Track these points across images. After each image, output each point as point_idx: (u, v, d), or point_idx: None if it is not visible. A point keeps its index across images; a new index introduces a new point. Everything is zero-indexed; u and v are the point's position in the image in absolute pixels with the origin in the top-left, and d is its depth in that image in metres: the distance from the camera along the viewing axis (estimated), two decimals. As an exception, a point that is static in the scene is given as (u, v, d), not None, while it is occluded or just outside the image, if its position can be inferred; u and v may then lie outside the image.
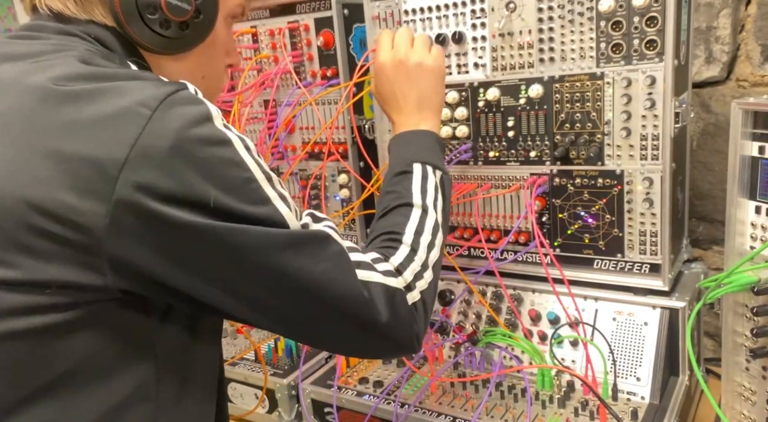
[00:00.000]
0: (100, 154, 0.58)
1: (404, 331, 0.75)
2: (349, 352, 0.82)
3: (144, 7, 0.71)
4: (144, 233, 0.59)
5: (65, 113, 0.60)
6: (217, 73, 0.85)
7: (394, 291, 0.74)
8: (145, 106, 0.59)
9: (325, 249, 0.69)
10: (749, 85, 1.33)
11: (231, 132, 0.65)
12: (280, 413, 1.26)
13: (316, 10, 1.34)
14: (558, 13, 1.06)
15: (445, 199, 0.92)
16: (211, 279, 0.64)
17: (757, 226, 0.90)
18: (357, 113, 1.38)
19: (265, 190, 0.66)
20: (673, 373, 1.08)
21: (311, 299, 0.68)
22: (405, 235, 0.83)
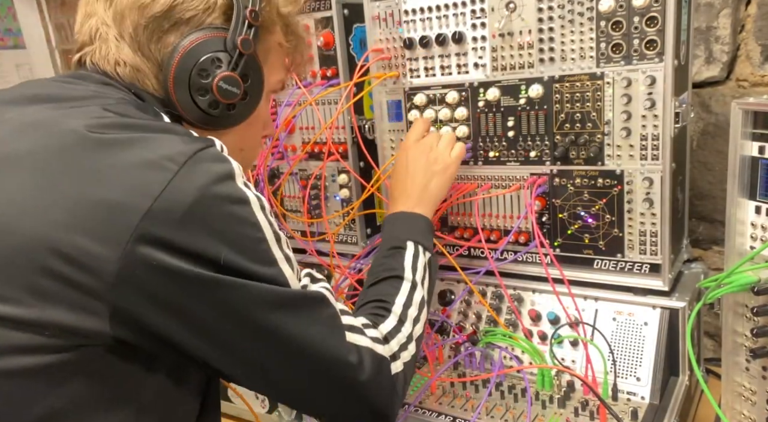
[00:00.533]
0: (123, 201, 0.59)
1: (384, 399, 0.77)
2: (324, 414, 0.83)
3: (196, 90, 0.74)
4: (150, 283, 0.60)
5: (95, 159, 0.61)
6: (255, 145, 0.89)
7: (381, 359, 0.77)
8: (173, 161, 0.61)
9: (321, 312, 0.72)
10: (749, 85, 1.33)
11: (250, 191, 0.68)
12: (280, 413, 1.26)
13: (316, 10, 1.34)
14: (558, 13, 1.06)
15: (431, 279, 0.98)
16: (208, 333, 0.65)
17: (757, 226, 0.90)
18: (357, 113, 1.38)
19: (274, 251, 0.68)
20: (673, 373, 1.08)
21: (303, 358, 0.70)
22: (394, 305, 0.87)
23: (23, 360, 0.60)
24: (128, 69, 0.75)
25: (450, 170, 1.09)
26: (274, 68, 0.84)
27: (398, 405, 0.80)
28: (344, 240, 1.46)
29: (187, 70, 0.74)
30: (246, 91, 0.77)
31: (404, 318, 0.86)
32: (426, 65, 1.21)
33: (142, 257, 0.59)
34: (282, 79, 0.88)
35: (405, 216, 1.04)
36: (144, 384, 0.69)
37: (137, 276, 0.59)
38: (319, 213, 1.46)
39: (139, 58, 0.75)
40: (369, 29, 1.25)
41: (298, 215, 1.50)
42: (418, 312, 0.90)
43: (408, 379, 0.83)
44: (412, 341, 0.85)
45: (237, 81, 0.76)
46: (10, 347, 0.60)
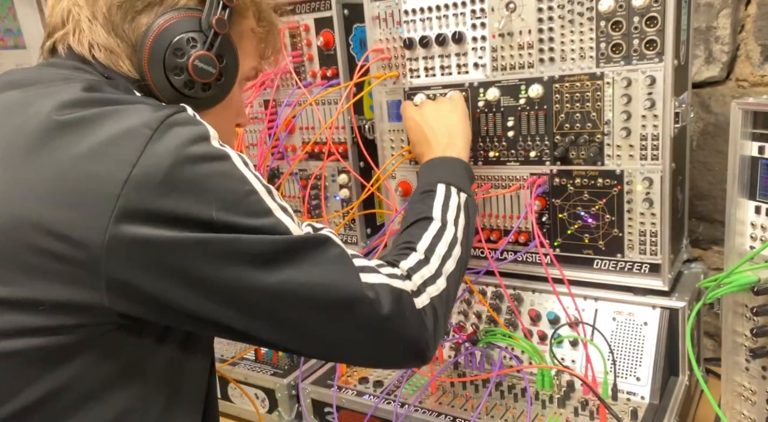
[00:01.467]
0: (102, 173, 0.59)
1: (412, 334, 0.74)
2: (357, 359, 0.81)
3: (171, 69, 0.73)
4: (143, 253, 0.59)
5: (68, 138, 0.61)
6: (229, 132, 0.87)
7: (400, 292, 0.74)
8: (146, 127, 0.61)
9: (327, 252, 0.69)
10: (749, 85, 1.33)
11: (228, 149, 0.66)
12: (280, 413, 1.26)
13: (316, 10, 1.34)
14: (558, 13, 1.06)
15: (468, 219, 0.93)
16: (215, 293, 0.63)
17: (757, 226, 0.90)
18: (357, 113, 1.38)
19: (267, 201, 0.66)
20: (673, 373, 1.08)
21: (316, 302, 0.67)
22: (419, 244, 0.85)
23: (22, 342, 0.60)
24: (102, 51, 0.73)
25: (458, 107, 1.10)
26: (247, 53, 0.83)
27: (432, 339, 0.76)
28: (344, 240, 1.46)
29: (161, 49, 0.73)
30: (221, 72, 0.76)
31: (430, 254, 0.83)
32: (426, 65, 1.21)
33: (127, 231, 0.58)
34: (255, 67, 0.86)
35: (436, 161, 1.02)
36: (154, 358, 0.69)
37: (127, 248, 0.59)
38: (319, 213, 1.47)
39: (112, 39, 0.73)
40: (369, 29, 1.25)
41: (298, 215, 1.50)
42: (448, 249, 0.86)
43: (440, 315, 0.79)
44: (441, 276, 0.81)
45: (212, 60, 0.75)
46: (7, 329, 0.59)
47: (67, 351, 0.62)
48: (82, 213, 0.58)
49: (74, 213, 0.58)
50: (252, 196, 0.65)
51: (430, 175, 0.99)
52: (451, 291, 0.83)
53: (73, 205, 0.58)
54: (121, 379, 0.66)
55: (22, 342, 0.60)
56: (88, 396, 0.64)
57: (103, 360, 0.64)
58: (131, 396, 0.67)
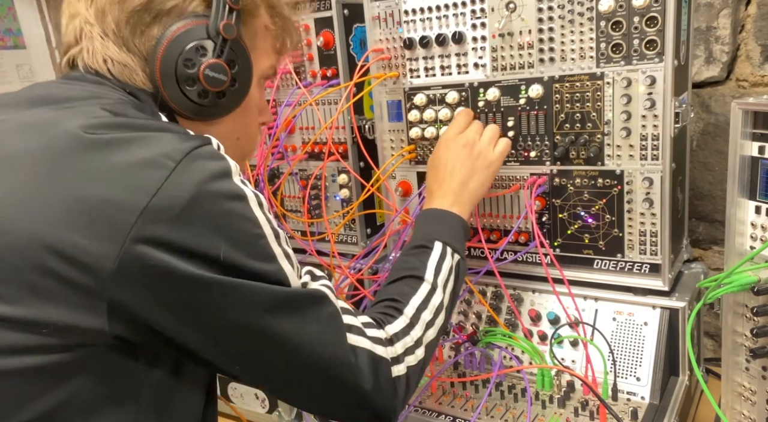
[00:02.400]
0: (120, 199, 0.59)
1: (382, 402, 0.75)
2: (325, 414, 0.83)
3: (183, 80, 0.74)
4: (149, 281, 0.60)
5: (91, 160, 0.61)
6: (252, 133, 0.87)
7: (380, 360, 0.75)
8: (170, 158, 0.61)
9: (321, 311, 0.71)
10: (749, 85, 1.33)
11: (247, 188, 0.67)
12: (280, 413, 1.26)
13: (316, 10, 1.34)
14: (558, 13, 1.06)
15: (456, 284, 0.94)
16: (208, 332, 0.65)
17: (757, 226, 0.90)
18: (357, 113, 1.38)
19: (273, 247, 0.68)
20: (673, 373, 1.08)
21: (300, 358, 0.69)
22: (407, 307, 0.85)
23: (20, 361, 0.60)
24: (116, 66, 0.74)
25: (493, 167, 1.05)
26: (263, 52, 0.83)
27: (400, 408, 0.79)
28: (344, 240, 1.46)
29: (172, 61, 0.73)
30: (234, 78, 0.76)
31: (415, 321, 0.84)
32: (426, 65, 1.21)
33: (139, 256, 0.59)
34: (273, 64, 0.86)
35: (439, 214, 0.99)
36: (146, 381, 0.69)
37: (135, 275, 0.59)
38: (319, 213, 1.46)
39: (125, 53, 0.74)
40: (369, 29, 1.25)
41: (298, 215, 1.50)
42: (433, 316, 0.86)
43: (412, 384, 0.81)
44: (421, 346, 0.82)
45: (223, 68, 0.75)
46: (6, 347, 0.59)
47: (65, 370, 0.62)
48: (95, 237, 0.58)
49: (88, 238, 0.58)
50: (260, 240, 0.66)
51: (429, 226, 0.98)
52: (427, 359, 0.84)
53: (87, 231, 0.58)
54: (113, 401, 0.66)
55: (19, 360, 0.60)
56: (83, 416, 0.64)
57: (98, 381, 0.64)
58: (125, 416, 0.67)
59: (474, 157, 1.03)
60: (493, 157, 1.05)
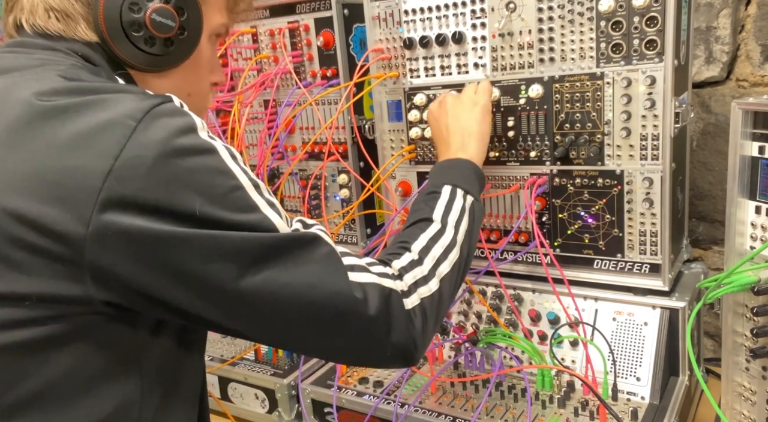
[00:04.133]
0: (84, 165, 0.58)
1: (400, 335, 0.72)
2: (342, 358, 0.80)
3: (129, 25, 0.71)
4: (127, 244, 0.59)
5: (50, 127, 0.60)
6: (203, 90, 0.85)
7: (389, 292, 0.72)
8: (130, 118, 0.60)
9: (315, 251, 0.68)
10: (749, 85, 1.33)
11: (216, 141, 0.65)
12: (280, 413, 1.26)
13: (316, 10, 1.34)
14: (558, 13, 1.06)
15: (471, 223, 0.91)
16: (197, 289, 0.62)
17: (757, 226, 0.90)
18: (357, 113, 1.38)
19: (253, 197, 0.65)
20: (673, 373, 1.08)
21: (302, 302, 0.66)
22: (414, 244, 0.83)
23: (9, 336, 0.59)
24: (59, 18, 0.72)
25: (480, 103, 1.06)
26: (213, 7, 0.80)
27: (420, 339, 0.75)
28: (344, 240, 1.46)
29: (117, 4, 0.70)
30: (183, 25, 0.74)
31: (424, 255, 0.81)
32: (426, 65, 1.21)
33: (111, 220, 0.57)
34: (224, 23, 0.83)
35: (446, 163, 1.00)
36: (150, 352, 0.68)
37: (111, 239, 0.58)
38: (319, 213, 1.47)
39: (67, 0, 0.72)
40: (369, 29, 1.25)
41: (298, 215, 1.50)
42: (444, 251, 0.83)
43: (430, 316, 0.77)
44: (434, 278, 0.79)
45: (171, 13, 0.72)
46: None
47: (58, 343, 0.61)
48: (64, 206, 0.57)
49: (57, 206, 0.57)
50: (238, 192, 0.64)
51: (438, 176, 0.97)
52: (444, 293, 0.81)
53: (55, 199, 0.57)
54: (117, 372, 0.66)
55: (11, 335, 0.59)
56: (84, 389, 0.64)
57: (97, 352, 0.63)
58: (129, 388, 0.67)
59: (458, 104, 1.07)
60: (476, 97, 1.08)
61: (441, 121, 1.07)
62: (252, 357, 1.35)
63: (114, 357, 0.65)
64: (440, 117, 1.07)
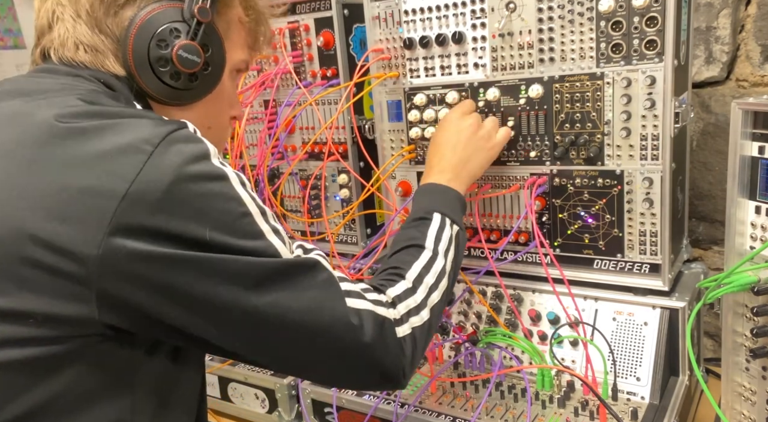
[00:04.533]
0: (100, 187, 0.59)
1: (390, 362, 0.75)
2: (333, 381, 0.83)
3: (156, 61, 0.73)
4: (136, 267, 0.60)
5: (68, 148, 0.61)
6: (223, 124, 0.88)
7: (383, 320, 0.75)
8: (148, 143, 0.61)
9: (315, 277, 0.70)
10: (749, 85, 1.33)
11: (227, 168, 0.67)
12: (280, 413, 1.26)
13: (316, 10, 1.34)
14: (558, 13, 1.06)
15: (457, 253, 0.94)
16: (201, 312, 0.64)
17: (757, 226, 0.90)
18: (357, 113, 1.38)
19: (259, 224, 0.67)
20: (673, 373, 1.08)
21: (300, 327, 0.68)
22: (408, 272, 0.85)
23: (10, 353, 0.60)
24: (88, 51, 0.74)
25: (494, 150, 1.08)
26: (235, 44, 0.83)
27: (409, 368, 0.77)
28: (344, 240, 1.46)
29: (145, 41, 0.73)
30: (207, 62, 0.76)
31: (418, 284, 0.83)
32: (426, 65, 1.21)
33: (122, 243, 0.58)
34: (245, 59, 0.86)
35: (437, 188, 1.00)
36: (144, 369, 0.69)
37: (120, 263, 0.59)
38: (319, 213, 1.47)
39: (96, 36, 0.73)
40: (369, 29, 1.25)
41: (298, 215, 1.50)
42: (436, 280, 0.86)
43: (419, 345, 0.79)
44: (425, 308, 0.81)
45: (197, 49, 0.74)
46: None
47: (56, 362, 0.62)
48: (77, 226, 0.58)
49: (70, 226, 0.58)
50: (246, 218, 0.66)
51: (427, 200, 0.98)
52: (433, 322, 0.84)
53: (69, 219, 0.58)
54: (110, 390, 0.66)
55: (11, 352, 0.60)
56: (79, 406, 0.64)
57: (92, 372, 0.64)
58: (121, 407, 0.67)
59: (478, 138, 1.06)
60: (496, 140, 1.09)
61: (453, 139, 1.05)
62: (252, 357, 1.35)
63: (107, 377, 0.66)
64: (454, 134, 1.05)
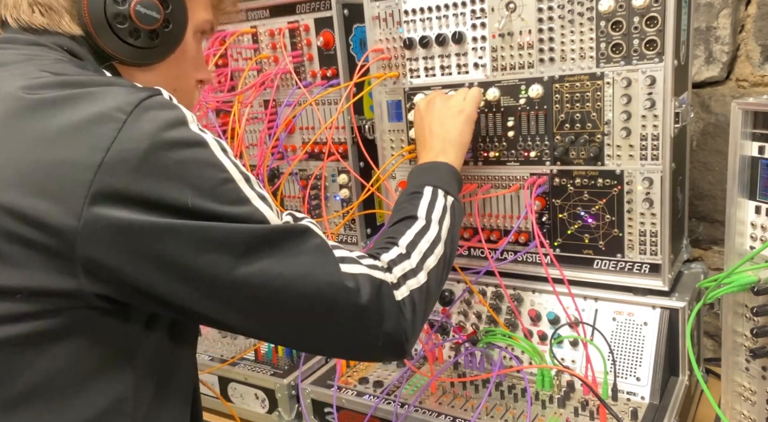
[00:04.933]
0: (75, 158, 0.58)
1: (391, 325, 0.73)
2: (334, 350, 0.81)
3: (113, 17, 0.71)
4: (118, 236, 0.59)
5: (39, 120, 0.60)
6: (188, 87, 0.85)
7: (380, 283, 0.73)
8: (120, 111, 0.60)
9: (306, 242, 0.69)
10: (749, 85, 1.33)
11: (206, 134, 0.65)
12: (280, 413, 1.26)
13: (316, 10, 1.34)
14: (558, 13, 1.06)
15: (453, 221, 0.93)
16: (189, 280, 0.62)
17: (757, 226, 0.90)
18: (357, 113, 1.38)
19: (244, 190, 0.65)
20: (673, 373, 1.08)
21: (294, 294, 0.66)
22: (401, 239, 0.84)
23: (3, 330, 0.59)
24: (43, 13, 0.71)
25: (466, 111, 1.07)
26: (198, 4, 0.80)
27: (411, 330, 0.76)
28: (344, 240, 1.46)
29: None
30: (167, 18, 0.74)
31: (411, 250, 0.82)
32: (426, 65, 1.21)
33: (102, 213, 0.57)
34: (210, 19, 0.83)
35: (426, 166, 1.01)
36: (142, 345, 0.68)
37: (102, 232, 0.58)
38: (319, 213, 1.46)
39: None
40: (369, 29, 1.25)
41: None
42: (430, 246, 0.85)
43: (419, 308, 0.78)
44: (422, 271, 0.81)
45: (156, 5, 0.72)
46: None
47: (53, 337, 0.61)
48: (55, 199, 0.57)
49: (48, 199, 0.57)
50: (229, 184, 0.64)
51: (418, 177, 0.99)
52: (432, 286, 0.82)
53: (46, 192, 0.57)
54: (111, 367, 0.66)
55: (5, 329, 0.59)
56: (78, 384, 0.64)
57: (91, 347, 0.63)
58: (123, 384, 0.66)
59: (445, 108, 1.07)
60: (464, 104, 1.08)
61: (425, 122, 1.08)
62: (252, 357, 1.35)
63: (107, 352, 0.65)
64: (425, 117, 1.08)
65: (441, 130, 1.05)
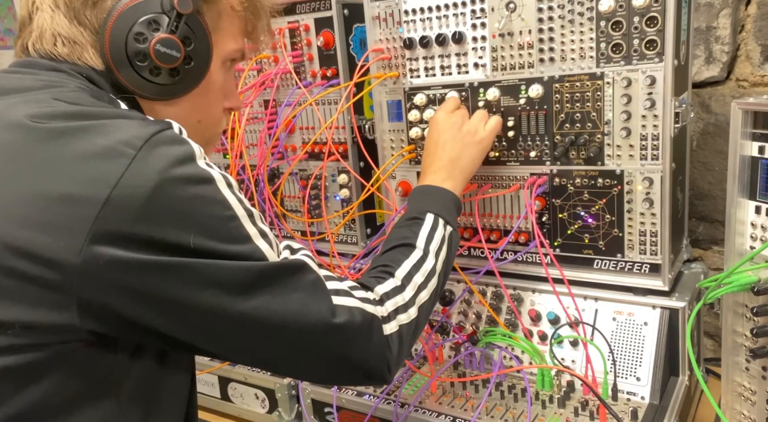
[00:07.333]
0: (79, 193, 0.57)
1: (375, 359, 0.75)
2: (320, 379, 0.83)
3: (134, 55, 0.71)
4: (119, 275, 0.58)
5: (44, 151, 0.59)
6: (214, 117, 0.84)
7: (371, 318, 0.75)
8: (129, 146, 0.59)
9: (301, 279, 0.70)
10: (749, 85, 1.33)
11: (213, 170, 0.65)
12: (280, 413, 1.26)
13: (316, 10, 1.34)
14: (558, 13, 1.06)
15: (449, 253, 0.94)
16: (188, 318, 0.63)
17: (757, 226, 0.90)
18: (357, 113, 1.38)
19: (246, 227, 0.66)
20: (673, 373, 1.08)
21: (287, 328, 0.68)
22: (398, 270, 0.85)
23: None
24: (66, 44, 0.72)
25: (484, 143, 1.07)
26: (227, 34, 0.80)
27: (394, 365, 0.78)
28: (344, 240, 1.46)
29: (123, 34, 0.70)
30: (189, 55, 0.73)
31: (407, 282, 0.83)
32: (426, 65, 1.21)
33: (104, 252, 0.57)
34: (240, 48, 0.82)
35: (431, 189, 1.01)
36: (129, 374, 0.68)
37: (101, 270, 0.57)
38: (319, 213, 1.46)
39: (75, 27, 0.71)
40: (369, 29, 1.25)
41: (298, 215, 1.50)
42: (425, 279, 0.86)
43: (405, 342, 0.80)
44: (414, 306, 0.82)
45: (176, 44, 0.71)
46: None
47: (38, 369, 0.61)
48: (57, 234, 0.57)
49: (49, 234, 0.57)
50: (232, 222, 0.65)
51: (421, 201, 0.99)
52: (421, 321, 0.84)
53: (47, 227, 0.57)
54: (94, 395, 0.65)
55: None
56: (63, 412, 0.63)
57: (76, 376, 0.63)
58: (106, 412, 0.66)
59: (464, 134, 1.06)
60: (484, 134, 1.08)
61: (441, 137, 1.06)
62: (252, 357, 1.35)
63: (93, 381, 0.65)
64: (442, 133, 1.06)
65: (455, 154, 1.04)
